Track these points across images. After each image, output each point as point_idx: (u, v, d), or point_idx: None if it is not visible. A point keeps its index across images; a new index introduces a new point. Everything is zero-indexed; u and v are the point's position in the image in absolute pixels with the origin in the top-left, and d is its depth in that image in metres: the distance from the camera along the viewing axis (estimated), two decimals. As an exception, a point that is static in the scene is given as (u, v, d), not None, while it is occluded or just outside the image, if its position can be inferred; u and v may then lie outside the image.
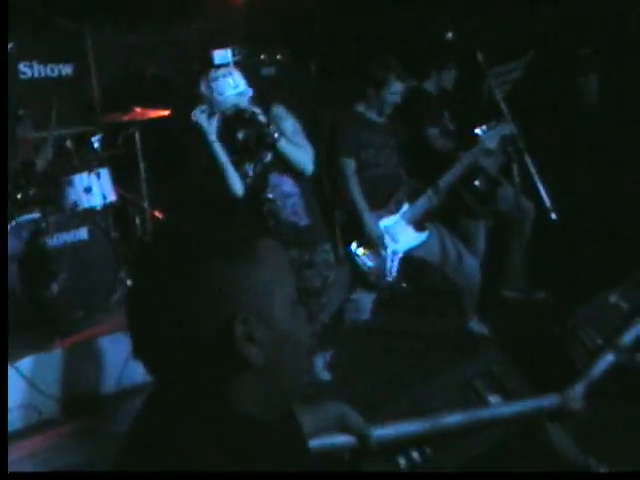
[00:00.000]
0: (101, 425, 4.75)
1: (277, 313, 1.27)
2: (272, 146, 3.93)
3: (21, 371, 4.62)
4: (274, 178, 4.02)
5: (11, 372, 4.54)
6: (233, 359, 1.23)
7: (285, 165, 4.06)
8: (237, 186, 4.04)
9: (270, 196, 3.94)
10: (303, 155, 4.06)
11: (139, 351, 1.29)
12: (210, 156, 4.07)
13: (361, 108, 4.79)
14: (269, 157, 4.04)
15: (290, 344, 1.29)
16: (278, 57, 6.88)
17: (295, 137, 4.06)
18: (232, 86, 4.07)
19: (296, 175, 4.07)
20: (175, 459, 1.19)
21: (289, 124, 4.09)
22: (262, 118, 3.92)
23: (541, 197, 4.29)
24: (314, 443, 1.74)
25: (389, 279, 4.68)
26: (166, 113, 6.31)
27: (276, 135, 3.89)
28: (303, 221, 4.04)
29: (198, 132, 4.06)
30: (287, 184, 4.04)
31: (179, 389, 1.26)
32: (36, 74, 7.08)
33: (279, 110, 4.13)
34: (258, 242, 1.28)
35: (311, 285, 4.06)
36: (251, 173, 4.03)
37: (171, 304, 1.22)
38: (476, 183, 5.34)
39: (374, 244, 4.64)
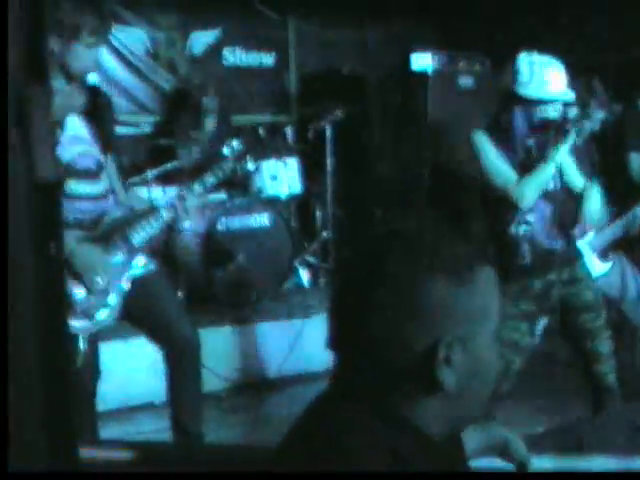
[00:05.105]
0: (259, 407, 4.89)
1: (479, 342, 1.25)
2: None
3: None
4: (540, 205, 3.58)
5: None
6: (428, 380, 1.22)
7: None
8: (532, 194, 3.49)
9: (528, 219, 3.53)
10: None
11: (335, 346, 1.30)
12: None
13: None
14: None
15: (482, 375, 1.28)
16: (477, 67, 6.72)
17: None
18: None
19: (556, 195, 3.64)
20: (341, 457, 1.19)
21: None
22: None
23: None
24: (473, 464, 1.72)
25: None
26: (359, 111, 6.35)
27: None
28: (559, 244, 3.64)
29: None
30: (543, 206, 3.62)
31: (363, 392, 1.26)
32: (238, 61, 7.30)
33: None
34: (478, 267, 1.26)
35: (581, 300, 3.66)
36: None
37: (381, 313, 1.22)
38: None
39: None
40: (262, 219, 5.69)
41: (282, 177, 5.97)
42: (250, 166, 3.78)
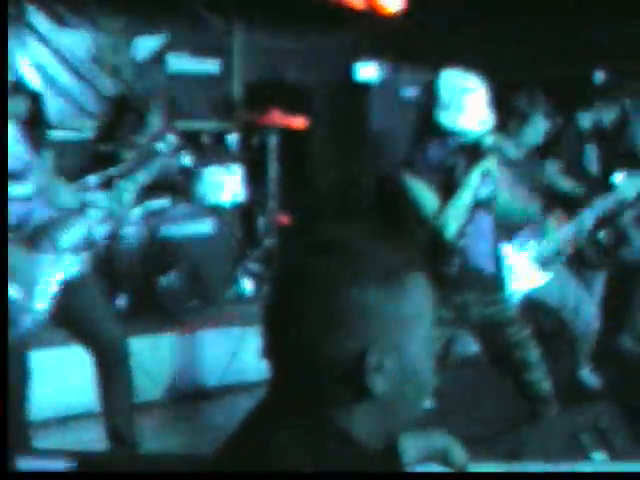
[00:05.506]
0: (199, 415, 4.85)
1: (412, 349, 1.25)
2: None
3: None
4: (478, 215, 3.58)
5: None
6: (358, 386, 1.22)
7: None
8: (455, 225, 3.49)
9: (466, 229, 3.50)
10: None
11: (268, 355, 1.30)
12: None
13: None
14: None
15: (416, 382, 1.28)
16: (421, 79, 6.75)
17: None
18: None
19: (492, 204, 3.68)
20: (274, 465, 1.19)
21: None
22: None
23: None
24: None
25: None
26: (303, 120, 6.37)
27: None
28: (489, 269, 3.65)
29: None
30: (487, 224, 3.65)
31: (294, 400, 1.26)
32: (182, 67, 7.26)
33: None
34: (409, 273, 1.26)
35: (503, 317, 3.69)
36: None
37: (312, 321, 1.22)
38: (600, 235, 5.16)
39: None
40: (205, 226, 5.66)
41: (225, 184, 5.95)
42: (186, 161, 3.72)
